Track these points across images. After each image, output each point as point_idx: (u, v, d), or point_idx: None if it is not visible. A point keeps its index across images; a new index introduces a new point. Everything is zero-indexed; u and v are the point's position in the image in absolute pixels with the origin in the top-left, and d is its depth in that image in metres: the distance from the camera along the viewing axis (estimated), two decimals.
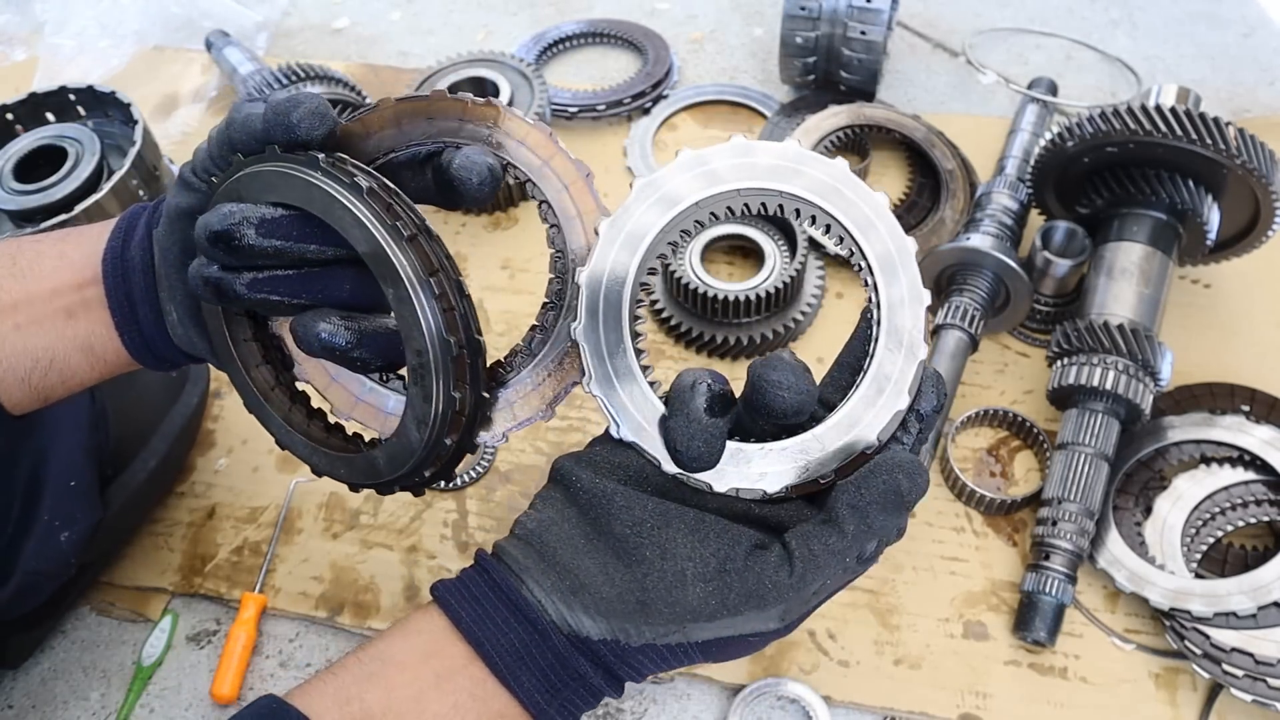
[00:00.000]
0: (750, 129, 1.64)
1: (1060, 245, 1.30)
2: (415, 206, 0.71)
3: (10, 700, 1.10)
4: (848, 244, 0.68)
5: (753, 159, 0.68)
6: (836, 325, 1.37)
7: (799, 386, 0.63)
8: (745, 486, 0.66)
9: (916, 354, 0.66)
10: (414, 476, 0.74)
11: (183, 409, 1.23)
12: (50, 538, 1.00)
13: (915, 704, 1.05)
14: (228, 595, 1.16)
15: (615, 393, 0.68)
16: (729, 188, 0.68)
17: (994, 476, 1.22)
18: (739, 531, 0.66)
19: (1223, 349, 1.29)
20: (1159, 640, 1.07)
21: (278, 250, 0.69)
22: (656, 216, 0.69)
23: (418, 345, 0.67)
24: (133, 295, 0.82)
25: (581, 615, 0.66)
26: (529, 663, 0.67)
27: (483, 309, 1.41)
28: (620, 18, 1.86)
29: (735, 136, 0.70)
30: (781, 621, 0.67)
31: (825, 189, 0.68)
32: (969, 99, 1.68)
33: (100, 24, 1.90)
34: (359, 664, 0.69)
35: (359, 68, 1.82)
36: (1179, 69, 1.70)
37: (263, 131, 0.71)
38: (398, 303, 0.66)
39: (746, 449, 0.66)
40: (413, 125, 0.76)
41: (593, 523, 0.68)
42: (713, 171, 0.68)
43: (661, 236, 0.69)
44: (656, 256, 0.70)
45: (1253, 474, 1.12)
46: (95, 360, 0.85)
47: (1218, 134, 1.12)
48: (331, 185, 0.67)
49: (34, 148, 1.31)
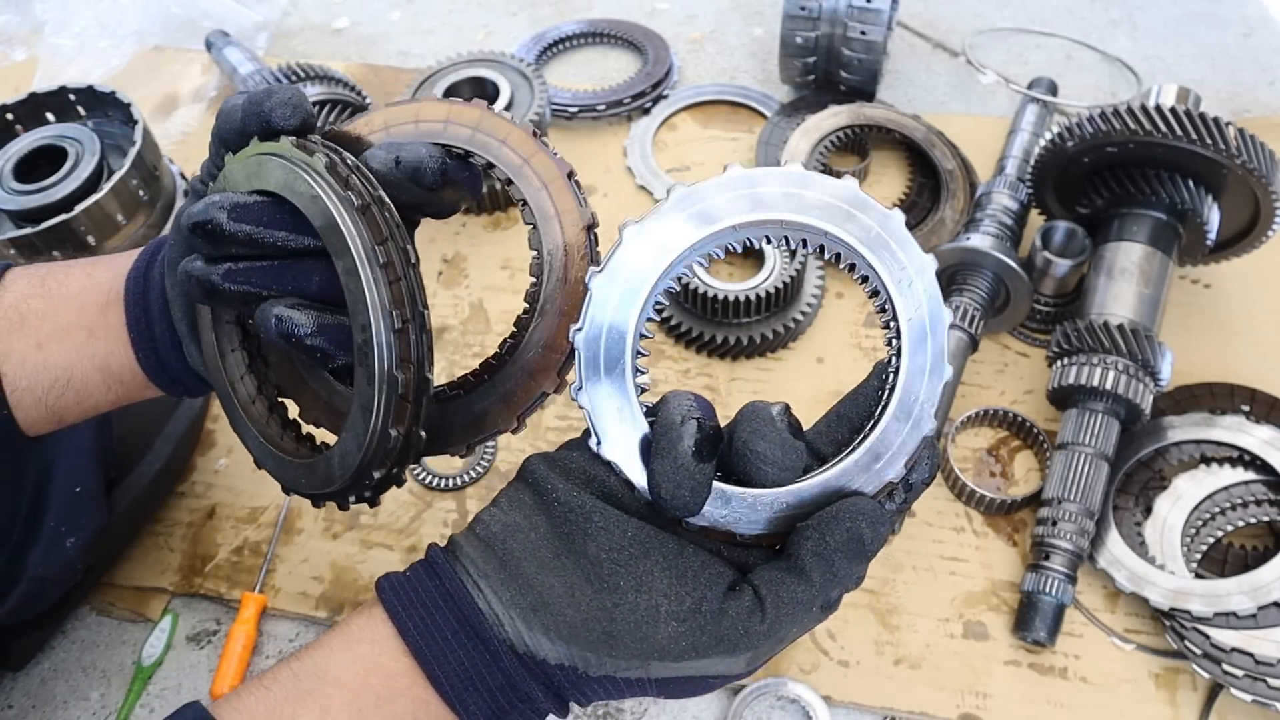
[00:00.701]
0: (750, 129, 1.64)
1: (1060, 245, 1.30)
2: (374, 180, 0.69)
3: (10, 700, 1.10)
4: (882, 301, 0.64)
5: (806, 191, 0.64)
6: (836, 325, 1.37)
7: (783, 463, 0.61)
8: (718, 526, 0.64)
9: (923, 428, 0.63)
10: (363, 479, 0.69)
11: (186, 411, 1.23)
12: (56, 544, 1.00)
13: (915, 704, 1.05)
14: (228, 595, 1.16)
15: (603, 408, 0.64)
16: (773, 216, 0.64)
17: (994, 476, 1.22)
18: (717, 571, 0.63)
19: (1223, 349, 1.29)
20: (1159, 640, 1.07)
21: (249, 236, 0.68)
22: (691, 231, 0.64)
23: (362, 319, 0.64)
24: (150, 312, 0.82)
25: (540, 636, 0.62)
26: (478, 684, 0.63)
27: (483, 309, 1.41)
28: (620, 18, 1.86)
29: (793, 164, 0.65)
30: (747, 667, 0.65)
31: (876, 241, 0.64)
32: (969, 99, 1.68)
33: (100, 24, 1.90)
34: (294, 678, 0.65)
35: (359, 68, 1.82)
36: (1179, 69, 1.70)
37: (241, 123, 0.71)
38: (346, 275, 0.65)
39: (727, 490, 0.63)
40: (400, 130, 0.76)
41: (564, 538, 0.64)
42: (760, 196, 0.64)
43: (690, 252, 0.64)
44: (675, 276, 0.65)
45: (1253, 474, 1.12)
46: (112, 381, 0.84)
47: (1218, 134, 1.12)
48: (292, 163, 0.67)
49: (34, 148, 1.30)
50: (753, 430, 0.62)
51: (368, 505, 0.74)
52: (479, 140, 0.74)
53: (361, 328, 0.65)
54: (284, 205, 0.69)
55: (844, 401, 0.67)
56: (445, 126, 0.75)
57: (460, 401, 0.75)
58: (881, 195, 1.53)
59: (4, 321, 0.82)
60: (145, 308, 0.82)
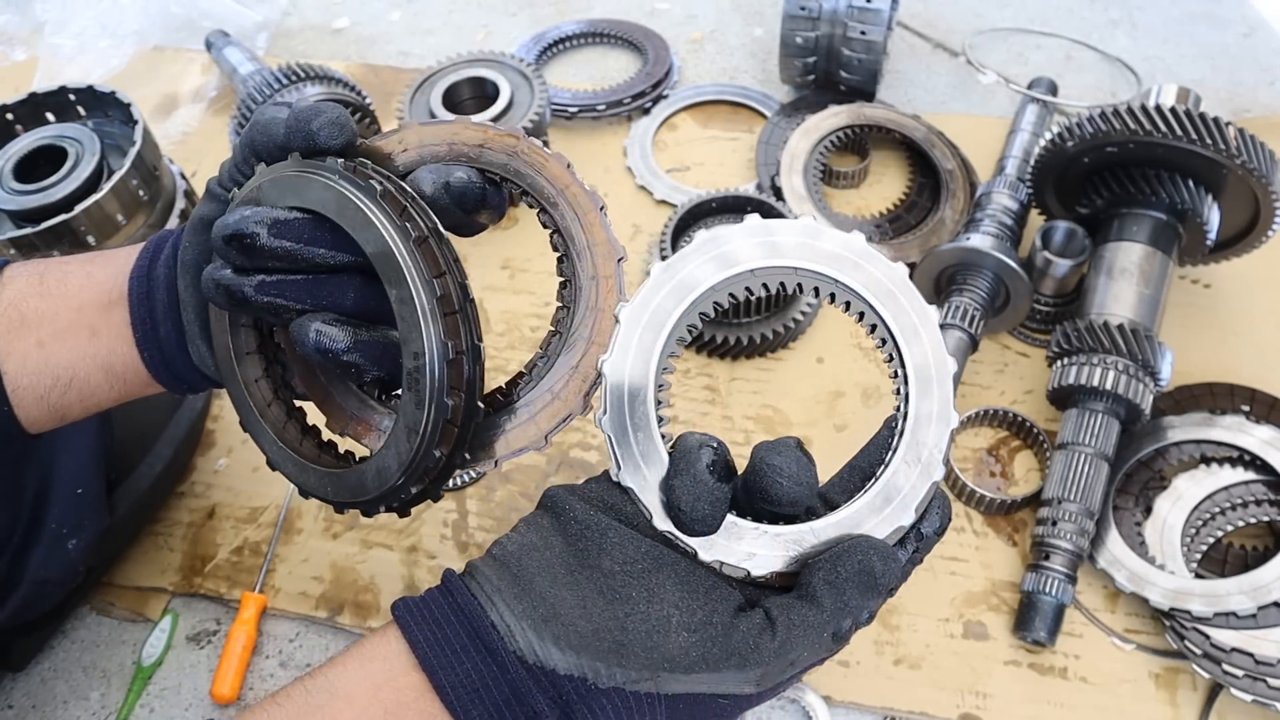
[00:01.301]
0: (750, 129, 1.64)
1: (1060, 245, 1.30)
2: (430, 211, 0.71)
3: (10, 700, 1.10)
4: (889, 349, 0.67)
5: (818, 243, 0.68)
6: (836, 325, 1.37)
7: (799, 478, 0.63)
8: (731, 562, 0.65)
9: (932, 474, 0.65)
10: (400, 493, 0.72)
11: (187, 413, 1.23)
12: (58, 546, 1.00)
13: (915, 704, 1.05)
14: (228, 595, 1.16)
15: (626, 436, 0.66)
16: (788, 263, 0.68)
17: (994, 476, 1.22)
18: (728, 591, 0.65)
19: (1223, 349, 1.29)
20: (1159, 640, 1.07)
21: (288, 252, 0.69)
22: (713, 272, 0.68)
23: (415, 347, 0.66)
24: (155, 312, 0.82)
25: (551, 645, 0.63)
26: (484, 696, 0.63)
27: (483, 309, 1.41)
28: (620, 18, 1.86)
29: (806, 217, 0.70)
30: (758, 686, 0.65)
31: (882, 290, 0.67)
32: (969, 99, 1.68)
33: (100, 24, 1.90)
34: (305, 694, 0.66)
35: (359, 68, 1.82)
36: (1179, 69, 1.70)
37: (284, 138, 0.72)
38: (399, 303, 0.66)
39: (740, 524, 0.65)
40: (433, 150, 0.77)
41: (579, 554, 0.65)
42: (776, 244, 0.68)
43: (707, 295, 0.68)
44: (699, 313, 0.69)
45: (1253, 474, 1.11)
46: (115, 380, 0.84)
47: (1218, 134, 1.12)
48: (346, 187, 0.68)
49: (34, 148, 1.30)
50: (769, 448, 0.64)
51: (397, 515, 0.76)
52: (515, 167, 0.76)
53: (414, 355, 0.66)
54: (324, 223, 0.69)
55: (857, 455, 0.69)
56: (481, 151, 0.76)
57: (489, 420, 0.76)
58: (881, 195, 1.53)
59: (3, 320, 0.82)
60: (150, 308, 0.82)
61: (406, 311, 0.66)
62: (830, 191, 1.54)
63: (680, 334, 0.68)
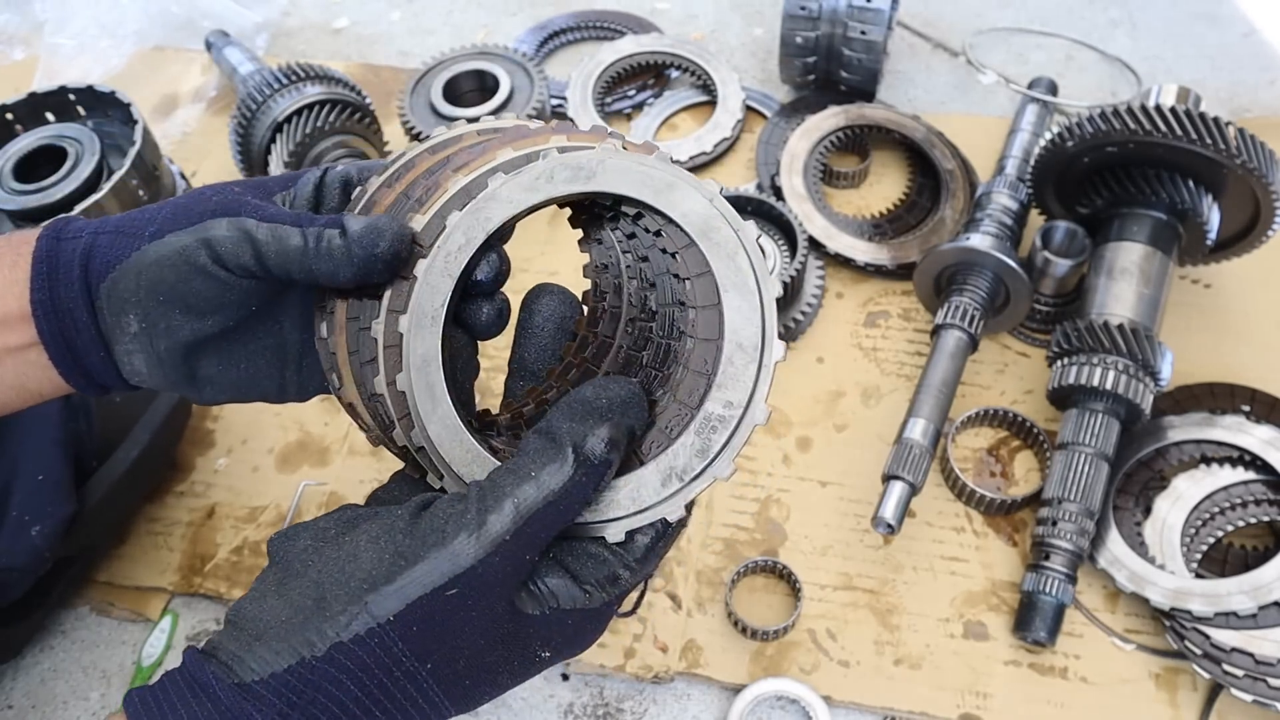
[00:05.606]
0: (750, 129, 1.63)
1: (1060, 245, 1.30)
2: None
3: (10, 700, 1.10)
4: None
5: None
6: (836, 325, 1.37)
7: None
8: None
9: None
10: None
11: (166, 399, 1.21)
12: (21, 533, 1.00)
13: (915, 704, 1.05)
14: (228, 595, 1.16)
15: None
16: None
17: (994, 476, 1.22)
18: (407, 504, 0.64)
19: (1223, 349, 1.29)
20: (1159, 640, 1.07)
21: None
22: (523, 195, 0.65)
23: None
24: (76, 344, 0.73)
25: (263, 654, 0.60)
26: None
27: None
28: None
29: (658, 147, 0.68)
30: (479, 549, 0.59)
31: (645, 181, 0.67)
32: (969, 99, 1.68)
33: (100, 24, 1.90)
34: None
35: (359, 68, 1.82)
36: (1179, 69, 1.70)
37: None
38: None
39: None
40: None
41: (283, 566, 0.64)
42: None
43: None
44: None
45: (1253, 474, 1.12)
46: (29, 396, 0.77)
47: (1218, 134, 1.12)
48: None
49: (34, 148, 1.30)
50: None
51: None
52: None
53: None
54: None
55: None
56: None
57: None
58: (882, 195, 1.53)
59: None
60: (67, 337, 0.73)
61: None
62: (830, 191, 1.54)
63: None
